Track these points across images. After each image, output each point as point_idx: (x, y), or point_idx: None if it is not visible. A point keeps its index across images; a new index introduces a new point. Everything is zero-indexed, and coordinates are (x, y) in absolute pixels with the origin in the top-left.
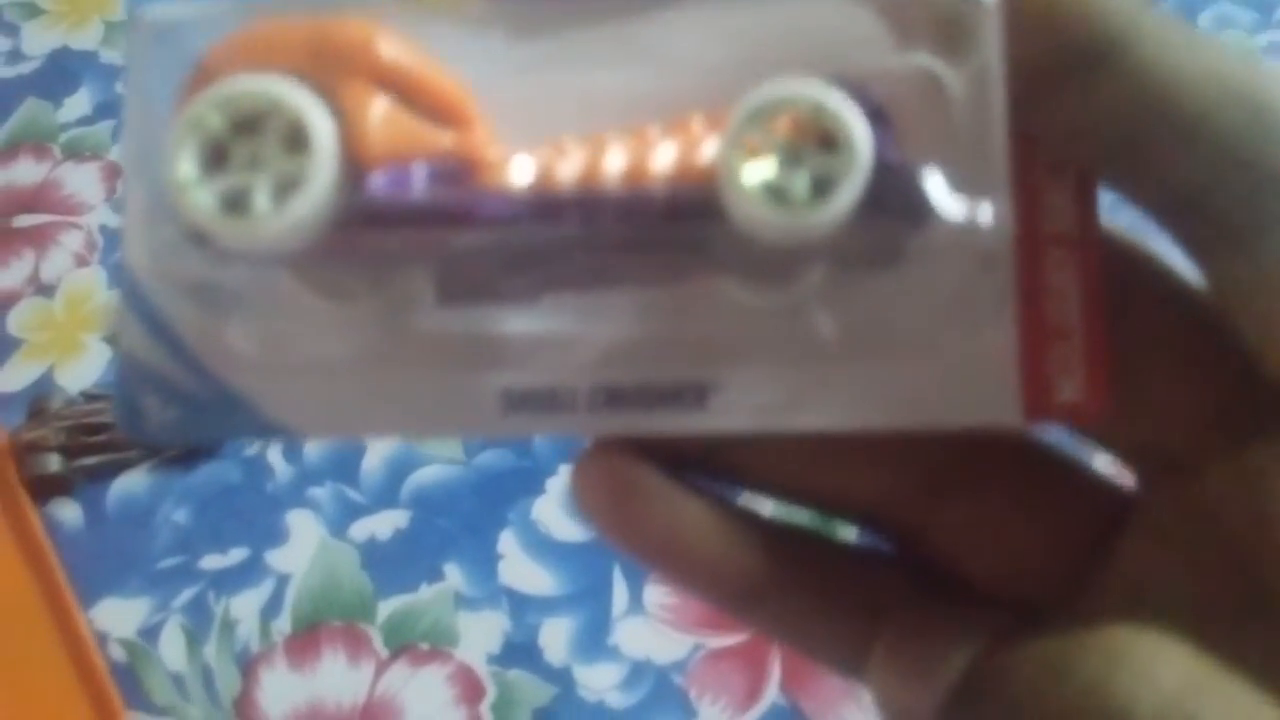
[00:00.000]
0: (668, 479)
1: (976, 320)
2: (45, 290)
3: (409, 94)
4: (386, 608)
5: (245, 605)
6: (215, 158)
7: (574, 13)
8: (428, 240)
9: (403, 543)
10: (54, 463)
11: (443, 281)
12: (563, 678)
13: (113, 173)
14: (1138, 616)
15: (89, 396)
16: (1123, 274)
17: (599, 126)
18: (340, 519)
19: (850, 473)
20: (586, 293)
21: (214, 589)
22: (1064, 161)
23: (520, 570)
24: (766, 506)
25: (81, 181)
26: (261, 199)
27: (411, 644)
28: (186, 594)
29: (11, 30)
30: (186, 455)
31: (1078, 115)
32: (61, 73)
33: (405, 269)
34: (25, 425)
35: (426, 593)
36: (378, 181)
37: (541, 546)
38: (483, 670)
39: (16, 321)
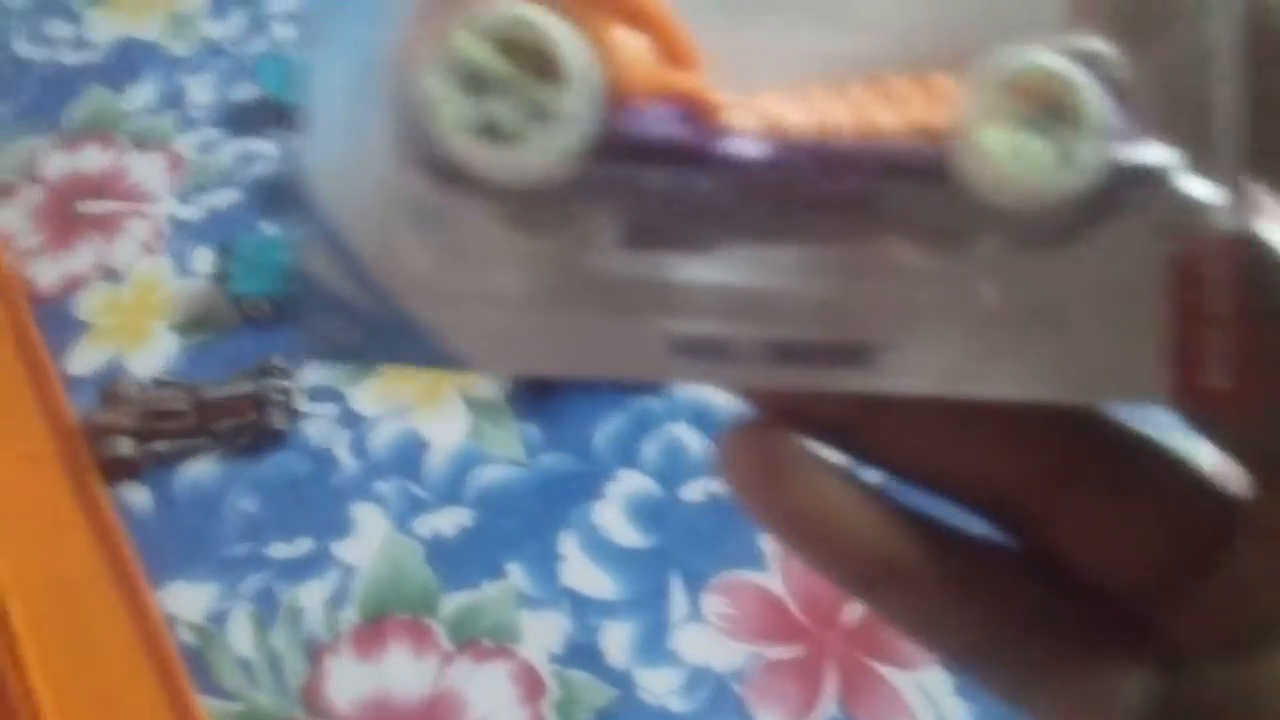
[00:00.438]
0: (813, 455)
1: (1137, 301)
2: (113, 276)
3: (651, 32)
4: (450, 603)
5: (312, 595)
6: (472, 84)
7: None
8: (662, 178)
9: (466, 540)
10: (126, 446)
11: (631, 224)
12: (624, 680)
13: (178, 163)
14: (1250, 622)
15: (160, 383)
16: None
17: (794, 80)
18: (405, 514)
19: (984, 457)
20: (763, 247)
21: (281, 578)
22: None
23: (581, 572)
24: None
25: (148, 171)
26: (518, 126)
27: (475, 639)
28: (254, 581)
29: (75, 17)
30: (254, 444)
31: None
32: (125, 62)
33: (596, 208)
34: (98, 408)
35: (489, 590)
36: (630, 117)
37: (602, 550)
38: (545, 669)
39: (85, 306)
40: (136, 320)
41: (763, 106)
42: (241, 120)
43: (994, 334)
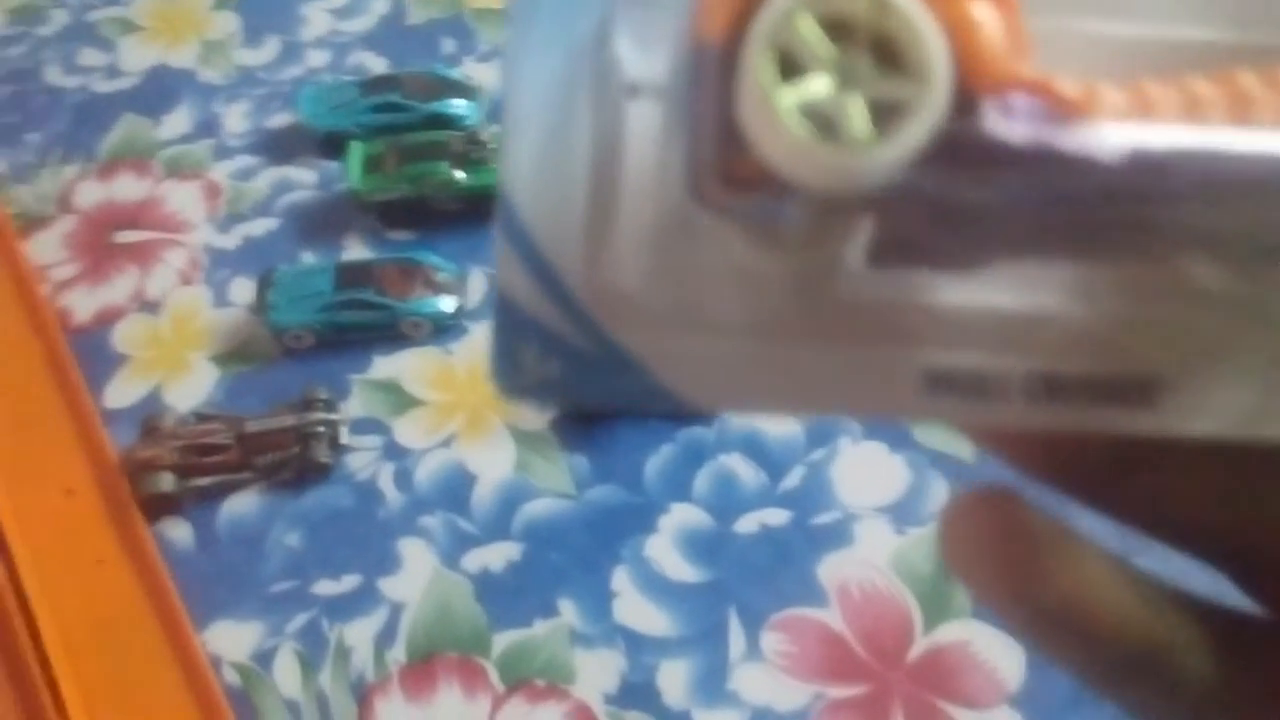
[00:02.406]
0: (1069, 528)
1: None
2: (150, 307)
3: (1001, 9)
4: (501, 641)
5: (359, 633)
6: (796, 69)
7: None
8: (1023, 185)
9: (515, 575)
10: (167, 482)
11: (890, 238)
12: None
13: (214, 192)
14: None
15: (201, 416)
16: None
17: (1124, 68)
18: (452, 549)
19: (1256, 517)
20: (1038, 263)
21: (327, 615)
22: None
23: (635, 609)
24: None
25: (184, 200)
26: (862, 123)
27: (528, 680)
28: (300, 619)
29: (108, 46)
30: (298, 478)
31: None
32: (160, 90)
33: (844, 219)
34: (138, 443)
35: (541, 628)
36: (994, 113)
37: (656, 585)
38: (600, 710)
39: (122, 337)
40: (175, 352)
41: (1127, 103)
42: (277, 147)
43: None
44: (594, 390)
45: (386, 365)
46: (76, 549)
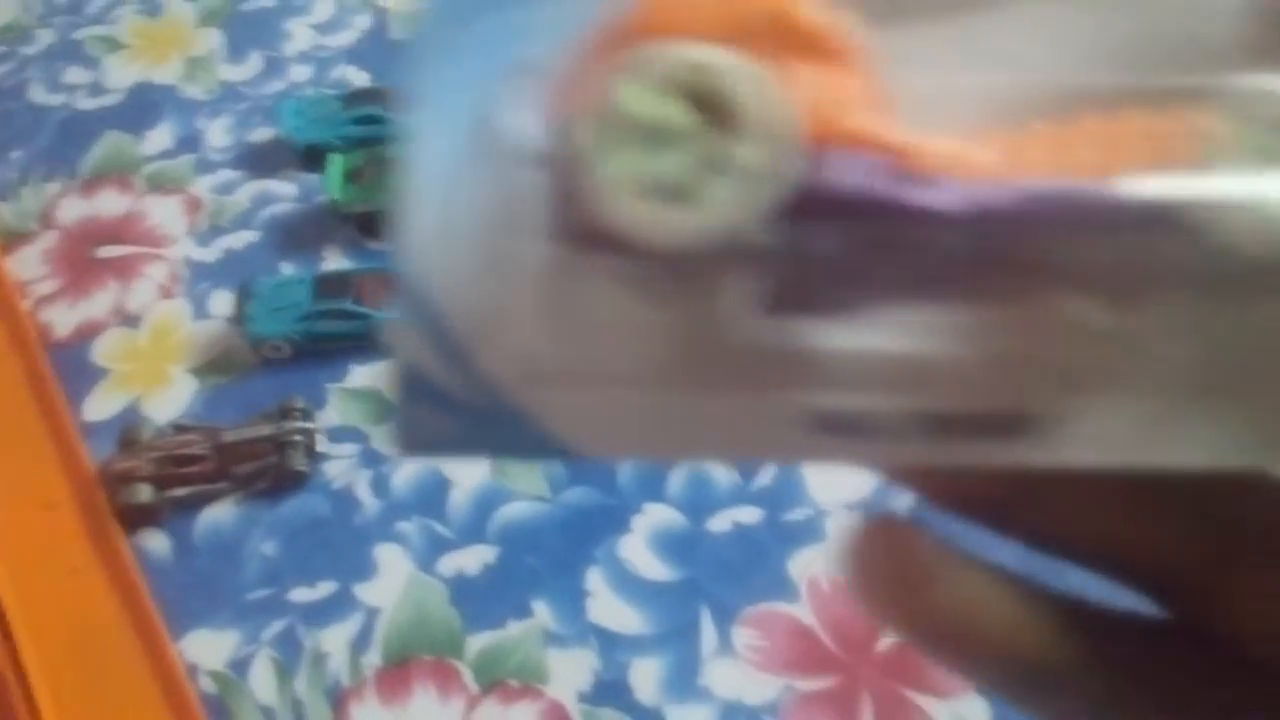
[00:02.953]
0: (955, 550)
1: None
2: (130, 321)
3: (835, 71)
4: (476, 643)
5: (335, 639)
6: (638, 136)
7: (914, 7)
8: (858, 234)
9: (491, 578)
10: (144, 493)
11: (776, 288)
12: (655, 718)
13: (195, 206)
14: None
15: (179, 428)
16: None
17: (991, 118)
18: (428, 553)
19: (1149, 530)
20: (920, 307)
21: (304, 622)
22: None
23: (609, 608)
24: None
25: (165, 214)
26: (698, 186)
27: (502, 681)
28: (276, 626)
29: (92, 63)
30: (275, 487)
31: None
32: (143, 106)
33: (747, 271)
34: (116, 455)
35: (515, 629)
36: (825, 167)
37: (629, 585)
38: (574, 708)
39: (102, 351)
40: (154, 365)
41: (965, 150)
42: (259, 161)
43: (1182, 396)
44: (490, 445)
45: (364, 374)
46: (54, 561)
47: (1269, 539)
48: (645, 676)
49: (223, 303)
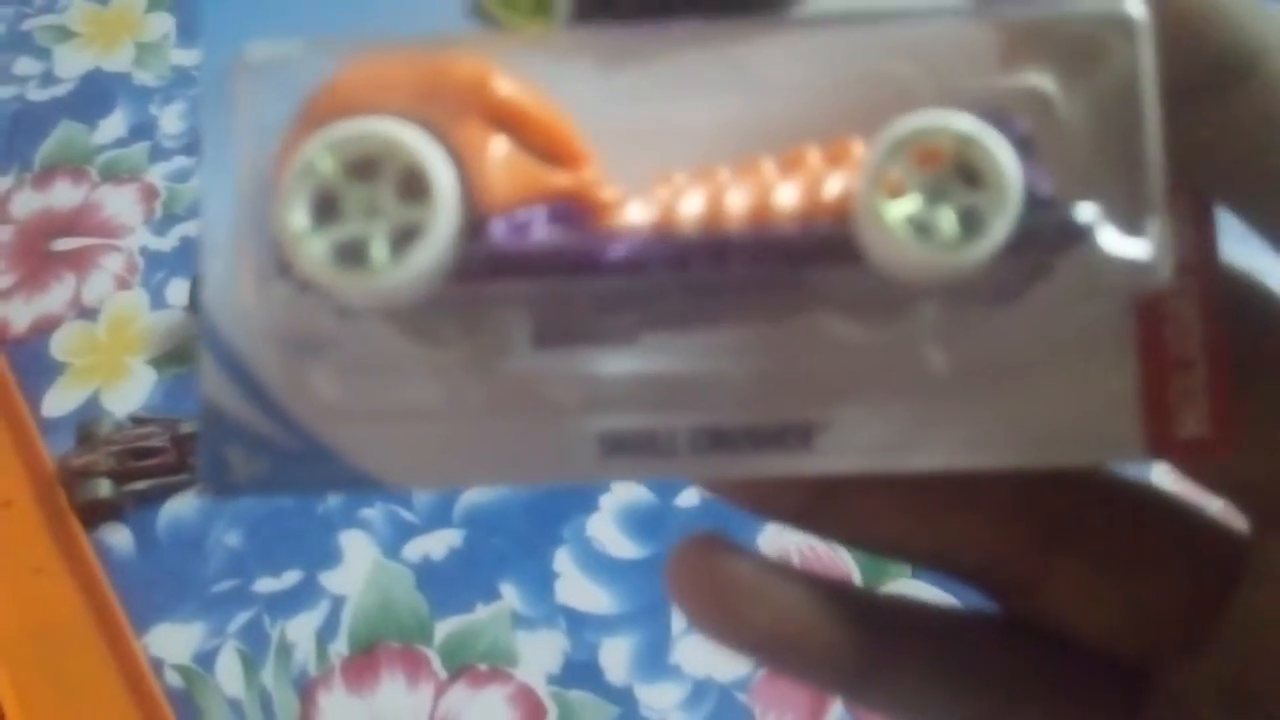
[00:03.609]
0: (764, 566)
1: (1096, 353)
2: (88, 314)
3: (524, 133)
4: (444, 628)
5: (301, 628)
6: (327, 205)
7: (665, 41)
8: (545, 286)
9: (457, 562)
10: (104, 488)
11: (540, 323)
12: (625, 697)
13: (150, 194)
14: (1256, 669)
15: (137, 420)
16: (1237, 308)
17: (701, 158)
18: (393, 539)
19: (960, 526)
20: (686, 332)
21: (269, 612)
22: (1183, 184)
23: (577, 589)
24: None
25: (120, 204)
26: (379, 250)
27: (470, 665)
28: (241, 618)
29: (43, 54)
30: None
31: (1211, 131)
32: (95, 95)
33: (499, 312)
34: (74, 450)
35: (483, 613)
36: (499, 229)
37: (598, 564)
38: (543, 691)
39: (60, 346)
40: (113, 357)
41: (660, 197)
42: None
43: (938, 402)
44: (302, 482)
45: None
46: (14, 559)
47: (1083, 528)
48: (615, 656)
49: (180, 292)
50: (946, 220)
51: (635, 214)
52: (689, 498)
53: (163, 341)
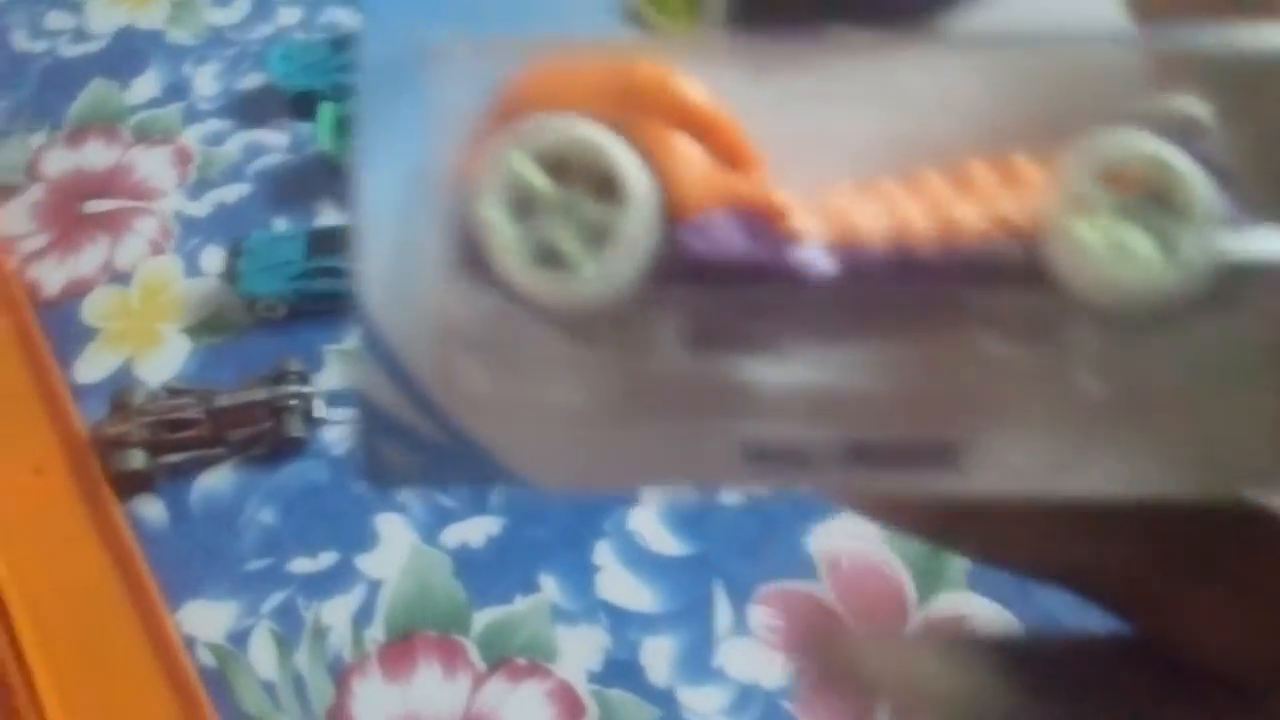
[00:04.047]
0: (890, 642)
1: (1258, 381)
2: (120, 278)
3: (706, 136)
4: (482, 619)
5: (336, 612)
6: (524, 204)
7: (822, 50)
8: (729, 293)
9: (496, 551)
10: (138, 459)
11: (694, 327)
12: (666, 699)
13: (185, 157)
14: None
15: (172, 391)
16: None
17: (857, 168)
18: (431, 524)
19: (1097, 549)
20: (838, 344)
21: (303, 594)
22: None
23: (619, 584)
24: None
25: (153, 166)
26: (575, 251)
27: (509, 658)
28: (275, 598)
29: (75, 8)
30: (271, 453)
31: None
32: (128, 53)
33: (654, 312)
34: (108, 420)
35: (522, 605)
36: (693, 234)
37: (640, 559)
38: (583, 688)
39: (91, 310)
40: (146, 324)
41: (833, 208)
42: (249, 110)
43: (1090, 426)
44: (453, 477)
45: None
46: (46, 527)
47: (1216, 555)
48: (657, 656)
49: (214, 259)
50: (1143, 243)
51: (814, 224)
52: (734, 495)
53: (197, 310)
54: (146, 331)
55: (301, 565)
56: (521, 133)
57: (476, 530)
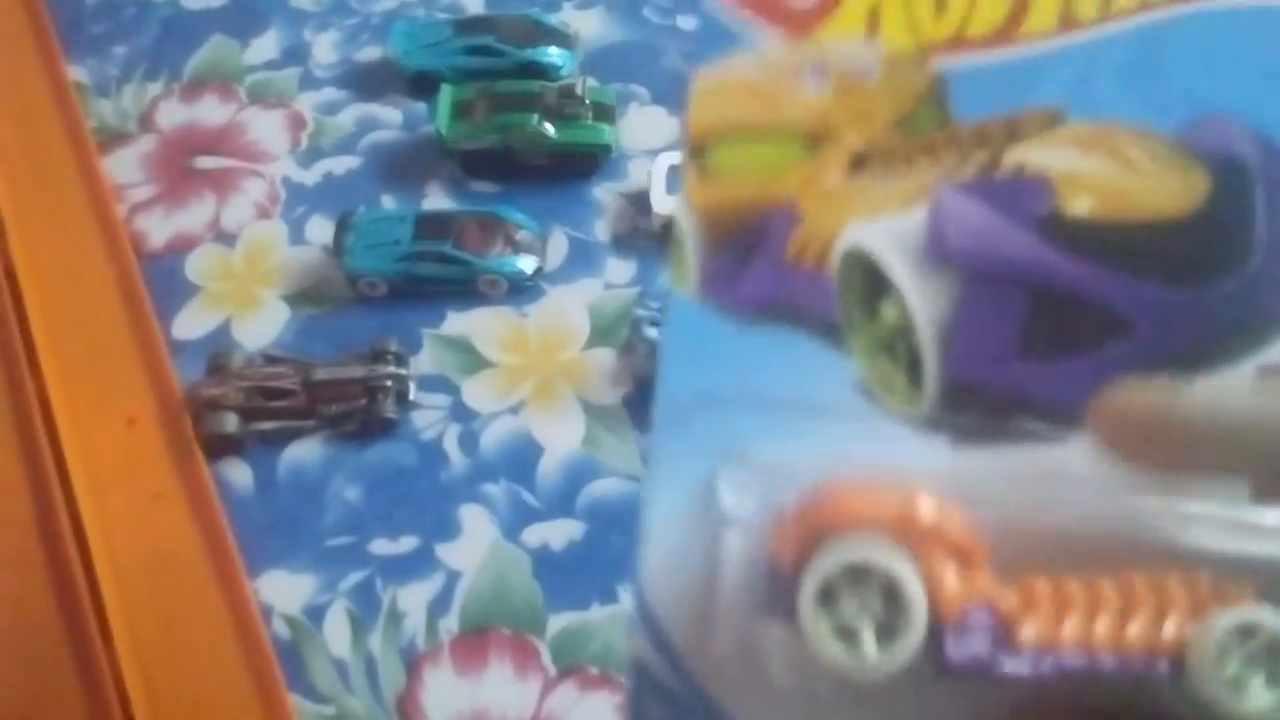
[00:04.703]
0: None
1: None
2: (225, 238)
3: (962, 557)
4: (557, 622)
5: (413, 598)
6: (829, 595)
7: (1021, 430)
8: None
9: (576, 555)
10: (230, 423)
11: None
12: None
13: (298, 123)
14: None
15: (269, 358)
16: None
17: (1056, 560)
18: (514, 521)
19: None
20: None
21: (382, 576)
22: None
23: None
24: None
25: (266, 129)
26: (869, 639)
27: (581, 665)
28: (354, 577)
29: None
30: (362, 430)
31: None
32: (250, 11)
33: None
34: (204, 381)
35: (598, 613)
36: (953, 642)
37: None
38: None
39: (195, 267)
40: (247, 287)
41: (1040, 608)
42: (365, 82)
43: None
44: None
45: (459, 322)
46: (134, 480)
47: None
48: None
49: (320, 230)
50: (1259, 691)
51: (1032, 630)
52: None
53: (299, 279)
54: (247, 295)
55: (382, 547)
56: (837, 548)
57: (559, 532)
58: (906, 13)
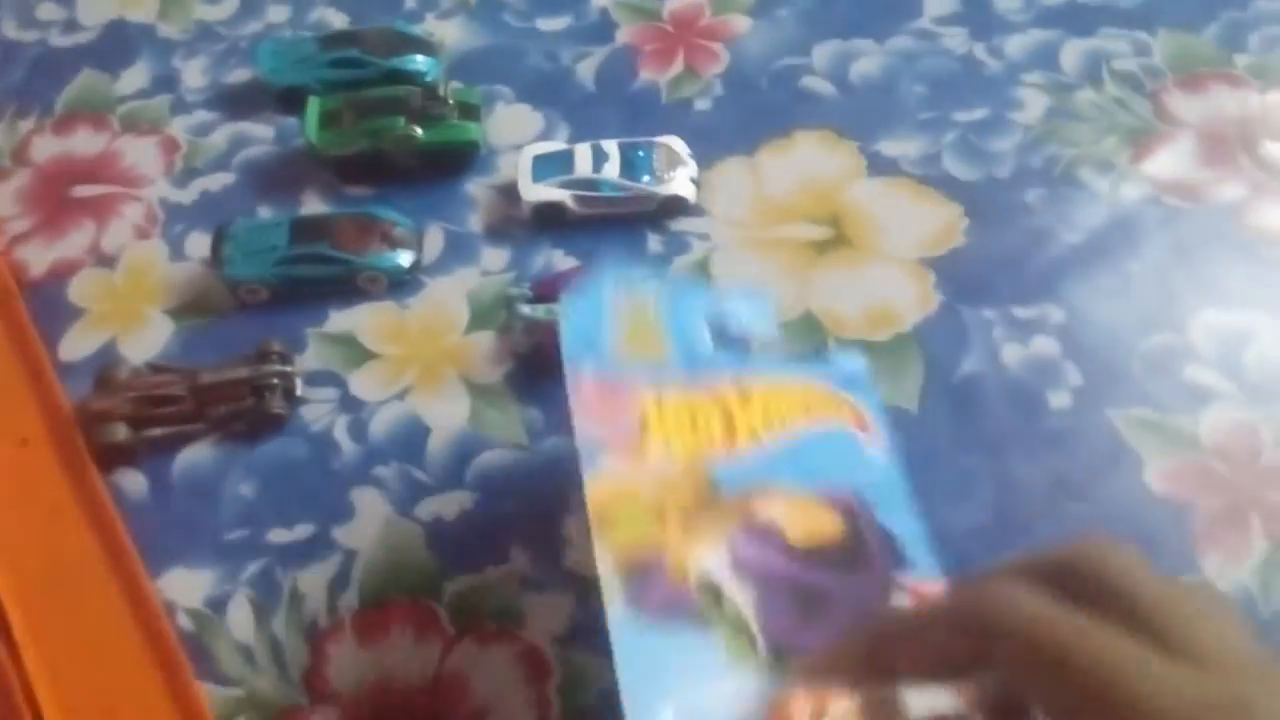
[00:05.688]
0: None
1: None
2: (106, 261)
3: None
4: (453, 587)
5: (312, 580)
6: None
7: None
8: None
9: (468, 524)
10: (121, 432)
11: None
12: None
13: (171, 147)
14: None
15: (155, 368)
16: None
17: None
18: (406, 498)
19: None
20: None
21: (281, 563)
22: None
23: (585, 556)
24: None
25: (141, 155)
26: None
27: (478, 623)
28: (253, 567)
29: (66, 1)
30: (252, 429)
31: None
32: (118, 44)
33: None
34: (93, 394)
35: (492, 574)
36: None
37: None
38: (550, 650)
39: (78, 291)
40: (131, 305)
41: None
42: (236, 103)
43: None
44: None
45: (342, 319)
46: (31, 497)
47: None
48: None
49: (199, 245)
50: None
51: None
52: None
53: (181, 293)
54: (131, 313)
55: (279, 535)
56: None
57: (450, 504)
58: (683, 440)
